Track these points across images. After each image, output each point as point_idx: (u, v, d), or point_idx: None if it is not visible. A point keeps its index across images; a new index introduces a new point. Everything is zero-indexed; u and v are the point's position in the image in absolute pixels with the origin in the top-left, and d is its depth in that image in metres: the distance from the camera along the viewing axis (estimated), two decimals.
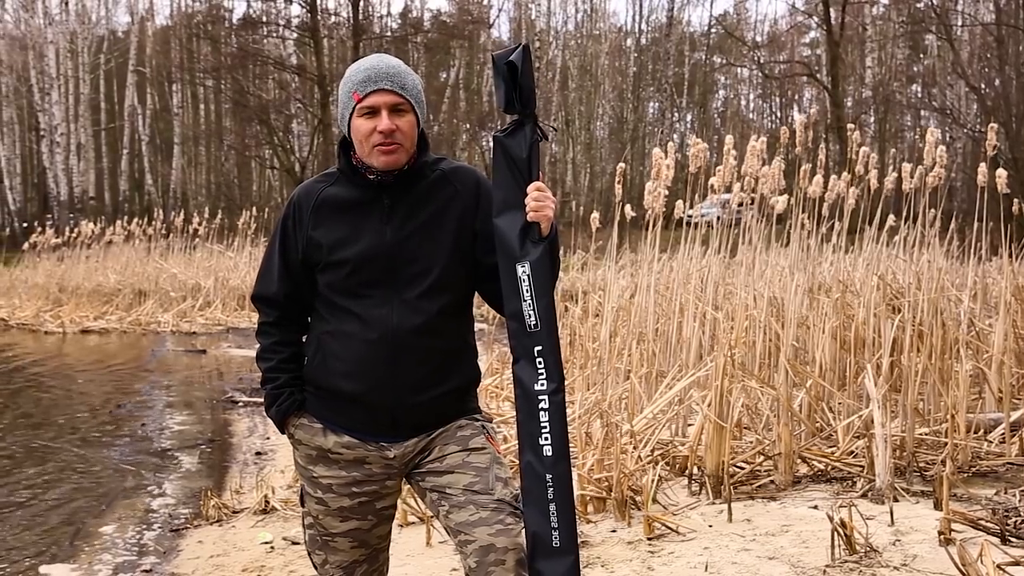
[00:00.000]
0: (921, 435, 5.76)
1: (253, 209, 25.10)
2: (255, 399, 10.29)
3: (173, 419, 9.60)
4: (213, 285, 21.26)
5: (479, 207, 2.76)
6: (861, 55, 40.31)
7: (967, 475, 5.36)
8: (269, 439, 8.32)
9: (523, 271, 2.62)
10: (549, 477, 2.58)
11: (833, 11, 31.77)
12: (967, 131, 30.45)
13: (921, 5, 33.64)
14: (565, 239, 19.33)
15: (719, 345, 6.16)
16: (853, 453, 5.55)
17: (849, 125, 8.86)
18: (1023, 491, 4.85)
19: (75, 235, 25.51)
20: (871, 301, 6.81)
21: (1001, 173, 7.40)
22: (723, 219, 8.18)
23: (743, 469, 5.44)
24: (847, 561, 4.06)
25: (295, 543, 5.16)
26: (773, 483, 5.30)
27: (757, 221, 7.94)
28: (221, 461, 7.74)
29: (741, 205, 8.08)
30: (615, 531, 4.80)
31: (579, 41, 46.68)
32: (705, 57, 46.88)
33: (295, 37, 36.45)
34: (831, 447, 5.71)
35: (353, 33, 33.28)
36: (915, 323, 6.44)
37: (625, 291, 8.56)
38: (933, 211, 7.66)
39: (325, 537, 2.86)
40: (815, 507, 4.83)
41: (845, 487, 5.18)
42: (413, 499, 5.12)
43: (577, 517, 3.02)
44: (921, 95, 38.39)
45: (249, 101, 35.82)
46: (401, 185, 2.73)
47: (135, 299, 21.43)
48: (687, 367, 6.82)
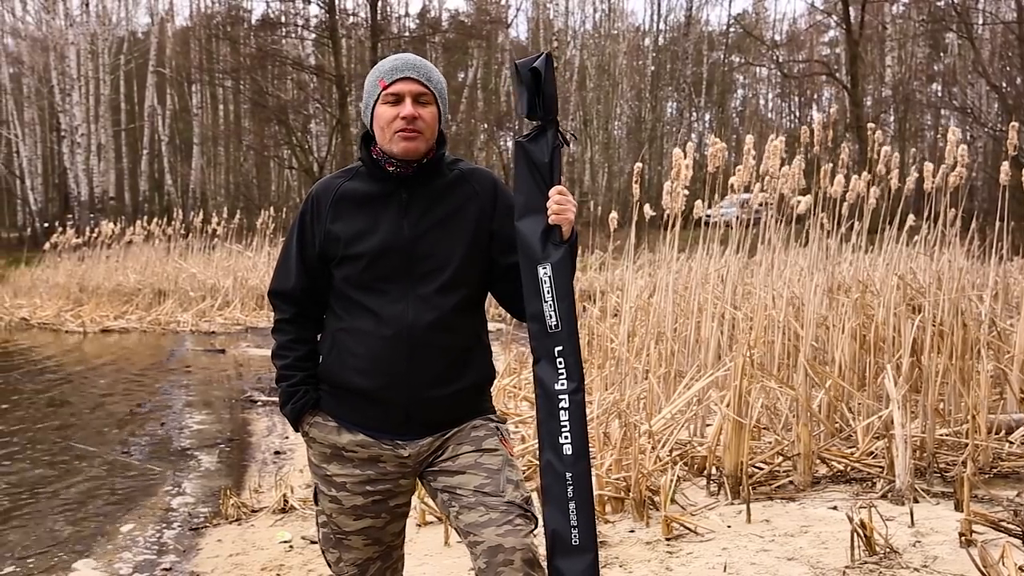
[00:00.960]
0: (941, 436, 5.72)
1: (271, 209, 25.24)
2: (274, 398, 10.33)
3: (192, 418, 9.65)
4: (232, 285, 21.36)
5: (496, 209, 2.79)
6: (881, 54, 40.08)
7: (988, 476, 5.33)
8: (288, 438, 8.36)
9: (544, 272, 2.64)
10: (569, 475, 2.59)
11: (852, 10, 31.61)
12: (988, 130, 30.20)
13: (941, 3, 33.40)
14: (583, 239, 19.32)
15: (738, 345, 6.15)
16: (873, 454, 5.52)
17: (870, 125, 8.80)
18: None
19: (95, 235, 25.69)
20: (891, 301, 6.78)
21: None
22: (741, 219, 8.15)
23: (762, 469, 5.42)
24: (867, 562, 4.04)
25: (313, 542, 5.17)
26: (792, 484, 5.28)
27: (776, 221, 7.91)
28: (240, 460, 7.78)
29: (761, 205, 8.05)
30: (633, 531, 4.80)
31: (597, 41, 46.63)
32: (723, 56, 46.75)
33: (313, 38, 36.56)
34: (851, 448, 5.69)
35: (371, 33, 33.40)
36: (935, 323, 6.40)
37: (643, 291, 8.55)
38: (954, 211, 7.61)
39: (339, 535, 2.86)
40: (834, 508, 4.81)
41: (865, 488, 5.16)
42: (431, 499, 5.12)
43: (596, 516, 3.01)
44: (941, 94, 38.13)
45: (268, 101, 35.99)
46: (419, 179, 2.75)
47: (155, 299, 21.57)
48: (706, 367, 6.80)
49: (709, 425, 6.08)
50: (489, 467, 2.71)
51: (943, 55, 40.56)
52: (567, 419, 2.62)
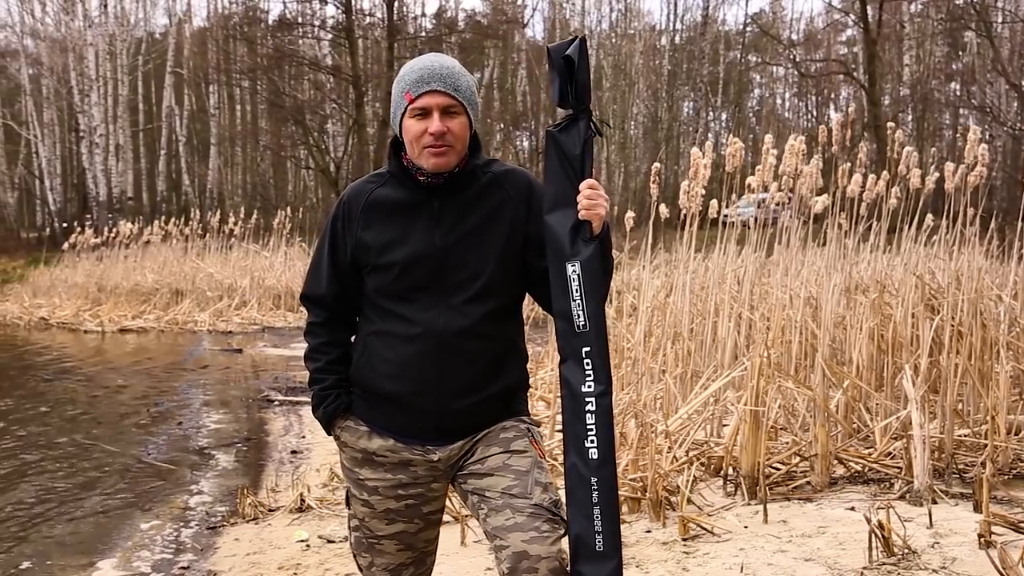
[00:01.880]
0: (960, 436, 5.69)
1: (288, 209, 25.32)
2: (291, 398, 10.37)
3: (210, 417, 9.69)
4: (249, 285, 21.44)
5: (531, 211, 2.71)
6: (899, 53, 39.87)
7: (1007, 477, 5.30)
8: (304, 438, 8.38)
9: (573, 270, 2.57)
10: (594, 480, 2.54)
11: (870, 8, 31.45)
12: (1007, 129, 30.00)
13: (960, 1, 33.18)
14: None
15: (755, 345, 6.13)
16: (891, 454, 5.50)
17: (889, 124, 8.75)
18: None
19: (114, 235, 25.84)
20: (909, 301, 6.74)
21: None
22: (759, 219, 8.12)
23: (779, 470, 5.40)
24: (885, 563, 4.01)
25: (330, 541, 5.19)
26: (809, 484, 5.26)
27: (796, 221, 7.88)
28: (257, 460, 7.80)
29: (779, 205, 8.02)
30: (650, 531, 4.79)
31: (613, 40, 46.56)
32: (740, 56, 46.62)
33: (330, 38, 36.65)
34: (868, 448, 5.66)
35: (388, 33, 33.46)
36: (954, 323, 6.36)
37: (660, 291, 8.53)
38: (972, 210, 7.56)
39: (371, 540, 2.85)
40: (852, 509, 4.79)
41: (883, 489, 5.13)
42: (449, 498, 5.12)
43: None
44: (960, 93, 37.91)
45: (285, 102, 36.09)
46: (451, 188, 2.69)
47: (172, 298, 21.68)
48: (722, 367, 6.78)
49: (726, 425, 6.07)
50: (518, 468, 2.67)
51: (962, 54, 40.32)
52: (593, 422, 2.55)
